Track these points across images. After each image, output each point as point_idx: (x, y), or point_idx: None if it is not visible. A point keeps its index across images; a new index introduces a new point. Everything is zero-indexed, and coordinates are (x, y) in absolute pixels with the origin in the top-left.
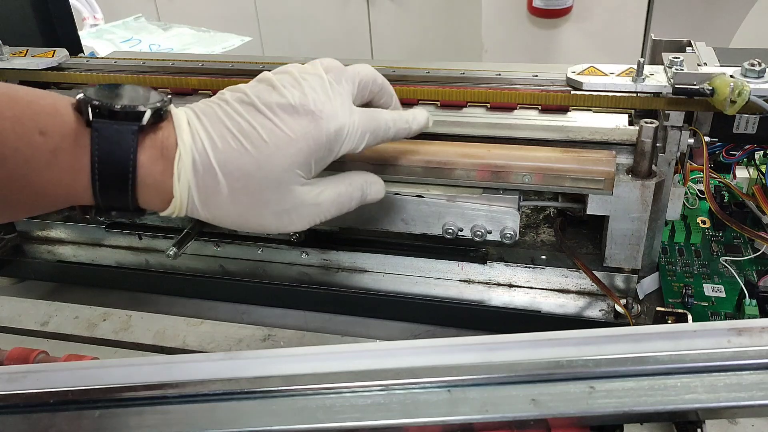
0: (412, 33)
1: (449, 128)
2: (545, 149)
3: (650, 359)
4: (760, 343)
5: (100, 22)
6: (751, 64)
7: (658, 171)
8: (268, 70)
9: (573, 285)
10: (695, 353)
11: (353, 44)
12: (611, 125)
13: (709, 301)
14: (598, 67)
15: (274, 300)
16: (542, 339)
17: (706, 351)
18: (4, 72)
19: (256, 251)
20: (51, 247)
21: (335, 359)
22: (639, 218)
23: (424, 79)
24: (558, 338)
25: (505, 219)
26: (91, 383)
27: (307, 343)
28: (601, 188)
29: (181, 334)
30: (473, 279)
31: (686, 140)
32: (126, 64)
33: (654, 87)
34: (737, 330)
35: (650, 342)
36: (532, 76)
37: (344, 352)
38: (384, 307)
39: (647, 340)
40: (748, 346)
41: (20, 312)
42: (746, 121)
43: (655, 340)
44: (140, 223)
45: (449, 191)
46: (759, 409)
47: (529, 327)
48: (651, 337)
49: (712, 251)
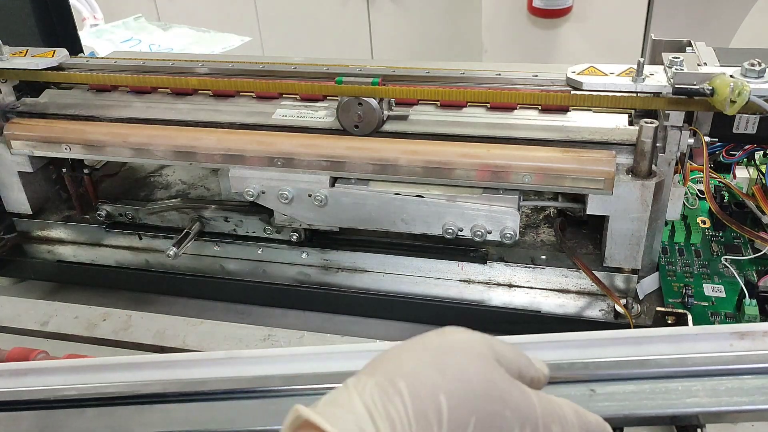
0: (412, 33)
1: (449, 128)
2: (545, 149)
3: (652, 362)
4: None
5: (100, 22)
6: (751, 64)
7: (658, 171)
8: (269, 70)
9: (573, 285)
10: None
11: (353, 44)
12: (611, 125)
13: (709, 301)
14: (598, 67)
15: (274, 300)
16: (543, 341)
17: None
18: (4, 72)
19: (256, 251)
20: (51, 247)
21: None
22: (639, 218)
23: (424, 79)
24: (559, 341)
25: (505, 219)
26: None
27: (307, 344)
28: (601, 188)
29: (181, 334)
30: (473, 279)
31: (686, 140)
32: (126, 64)
33: (654, 87)
34: (739, 334)
35: (652, 345)
36: (532, 76)
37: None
38: (384, 307)
39: (649, 343)
40: (750, 350)
41: (20, 312)
42: (746, 121)
43: (656, 343)
44: (140, 223)
45: (449, 191)
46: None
47: (529, 327)
48: (652, 340)
49: (712, 251)
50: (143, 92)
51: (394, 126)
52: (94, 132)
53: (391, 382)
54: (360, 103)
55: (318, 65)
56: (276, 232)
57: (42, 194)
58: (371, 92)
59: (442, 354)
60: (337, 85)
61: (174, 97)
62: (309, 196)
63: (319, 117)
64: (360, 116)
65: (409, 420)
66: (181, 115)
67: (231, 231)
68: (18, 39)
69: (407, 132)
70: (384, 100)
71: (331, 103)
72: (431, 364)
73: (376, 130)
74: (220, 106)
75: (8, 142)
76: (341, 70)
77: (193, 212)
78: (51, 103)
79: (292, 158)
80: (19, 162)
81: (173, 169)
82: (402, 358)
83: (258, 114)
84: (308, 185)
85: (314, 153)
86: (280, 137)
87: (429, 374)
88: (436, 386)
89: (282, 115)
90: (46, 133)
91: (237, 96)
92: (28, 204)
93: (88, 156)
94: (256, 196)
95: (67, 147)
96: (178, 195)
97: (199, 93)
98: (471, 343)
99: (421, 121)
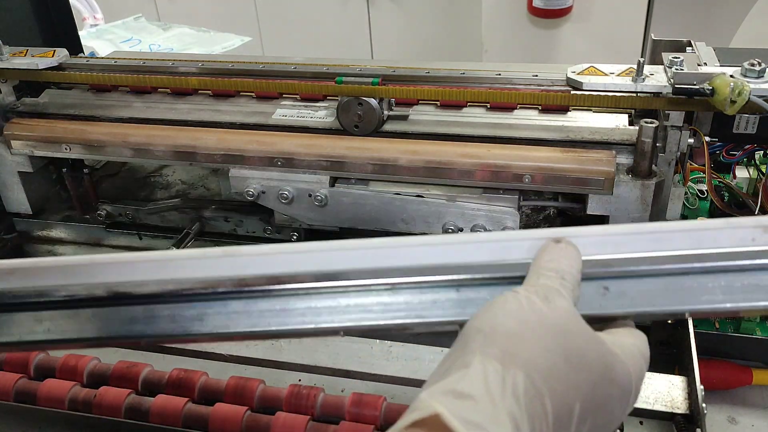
0: (412, 33)
1: (449, 128)
2: (545, 149)
3: (668, 258)
4: None
5: (100, 22)
6: (751, 64)
7: (658, 171)
8: (269, 70)
9: None
10: (715, 252)
11: (353, 44)
12: (611, 125)
13: None
14: (598, 67)
15: None
16: (557, 236)
17: (728, 250)
18: (4, 72)
19: None
20: (51, 247)
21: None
22: (639, 218)
23: (424, 79)
24: (573, 235)
25: (505, 219)
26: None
27: (307, 343)
28: (601, 188)
29: None
30: None
31: (686, 140)
32: (126, 64)
33: (654, 87)
34: (764, 227)
35: (670, 241)
36: (532, 76)
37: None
38: None
39: (668, 239)
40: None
41: None
42: (746, 121)
43: (675, 239)
44: (140, 223)
45: (449, 191)
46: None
47: None
48: (672, 234)
49: None
50: (143, 92)
51: (394, 126)
52: (94, 132)
53: (533, 382)
54: (360, 103)
55: (318, 65)
56: (276, 232)
57: (42, 194)
58: (371, 92)
59: (565, 339)
60: (337, 85)
61: (174, 97)
62: (309, 196)
63: (319, 117)
64: (360, 116)
65: (548, 427)
66: (181, 115)
67: (231, 231)
68: (18, 39)
69: (407, 132)
70: (384, 100)
71: (331, 103)
72: (562, 355)
73: (376, 130)
74: (220, 106)
75: (8, 142)
76: (341, 70)
77: (193, 212)
78: (51, 103)
79: (292, 158)
80: (19, 162)
81: (173, 169)
82: (531, 345)
83: (258, 114)
84: (308, 185)
85: (314, 153)
86: (280, 137)
87: (564, 372)
88: (573, 388)
89: (282, 115)
90: (46, 133)
91: (237, 96)
92: (28, 204)
93: (88, 156)
94: (256, 196)
95: (67, 147)
96: (178, 195)
97: (199, 93)
98: (576, 316)
99: (421, 121)
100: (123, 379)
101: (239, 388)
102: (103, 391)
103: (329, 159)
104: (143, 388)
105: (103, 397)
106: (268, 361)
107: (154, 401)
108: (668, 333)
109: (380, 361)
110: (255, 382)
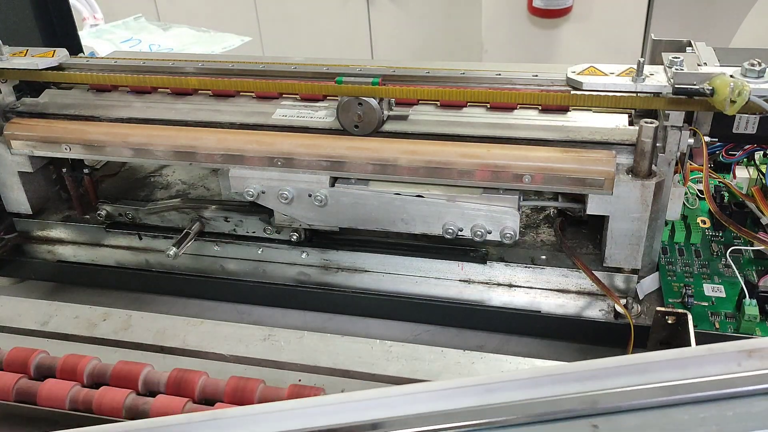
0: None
1: (449, 128)
2: (545, 149)
3: (656, 391)
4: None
5: (100, 22)
6: (751, 64)
7: (658, 171)
8: (269, 70)
9: (573, 285)
10: (703, 381)
11: (353, 44)
12: (611, 125)
13: (709, 301)
14: (598, 67)
15: (274, 300)
16: (541, 376)
17: (715, 378)
18: (4, 72)
19: (256, 251)
20: (51, 247)
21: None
22: (639, 218)
23: (424, 79)
24: (557, 374)
25: (505, 219)
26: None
27: (307, 343)
28: (601, 188)
29: (181, 334)
30: (473, 279)
31: (686, 140)
32: (126, 64)
33: (654, 87)
34: (747, 352)
35: (656, 372)
36: (532, 76)
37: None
38: (384, 307)
39: (653, 370)
40: (759, 369)
41: (20, 312)
42: (746, 121)
43: (661, 370)
44: (140, 223)
45: (449, 191)
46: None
47: (529, 327)
48: (657, 366)
49: (712, 251)
50: (143, 92)
51: (394, 126)
52: (94, 132)
53: None
54: (360, 103)
55: (318, 65)
56: (276, 232)
57: (42, 194)
58: (371, 92)
59: None
60: (337, 85)
61: (174, 97)
62: (309, 196)
63: (319, 117)
64: (360, 116)
65: None
66: (181, 115)
67: (231, 231)
68: (18, 39)
69: (407, 132)
70: (384, 100)
71: (331, 103)
72: None
73: (376, 130)
74: (220, 106)
75: (8, 142)
76: (341, 70)
77: (193, 212)
78: (51, 103)
79: (292, 158)
80: (19, 162)
81: (173, 169)
82: None
83: (258, 114)
84: (308, 185)
85: (314, 153)
86: (280, 137)
87: None
88: None
89: (282, 115)
90: (46, 133)
91: (237, 96)
92: (28, 204)
93: (88, 156)
94: (256, 196)
95: (67, 147)
96: (178, 195)
97: (199, 93)
98: None
99: (421, 121)
100: (123, 379)
101: (239, 388)
102: (103, 391)
103: (329, 159)
104: (143, 388)
105: (103, 397)
106: (268, 361)
107: (154, 401)
108: (668, 333)
109: (380, 361)
110: (255, 382)
